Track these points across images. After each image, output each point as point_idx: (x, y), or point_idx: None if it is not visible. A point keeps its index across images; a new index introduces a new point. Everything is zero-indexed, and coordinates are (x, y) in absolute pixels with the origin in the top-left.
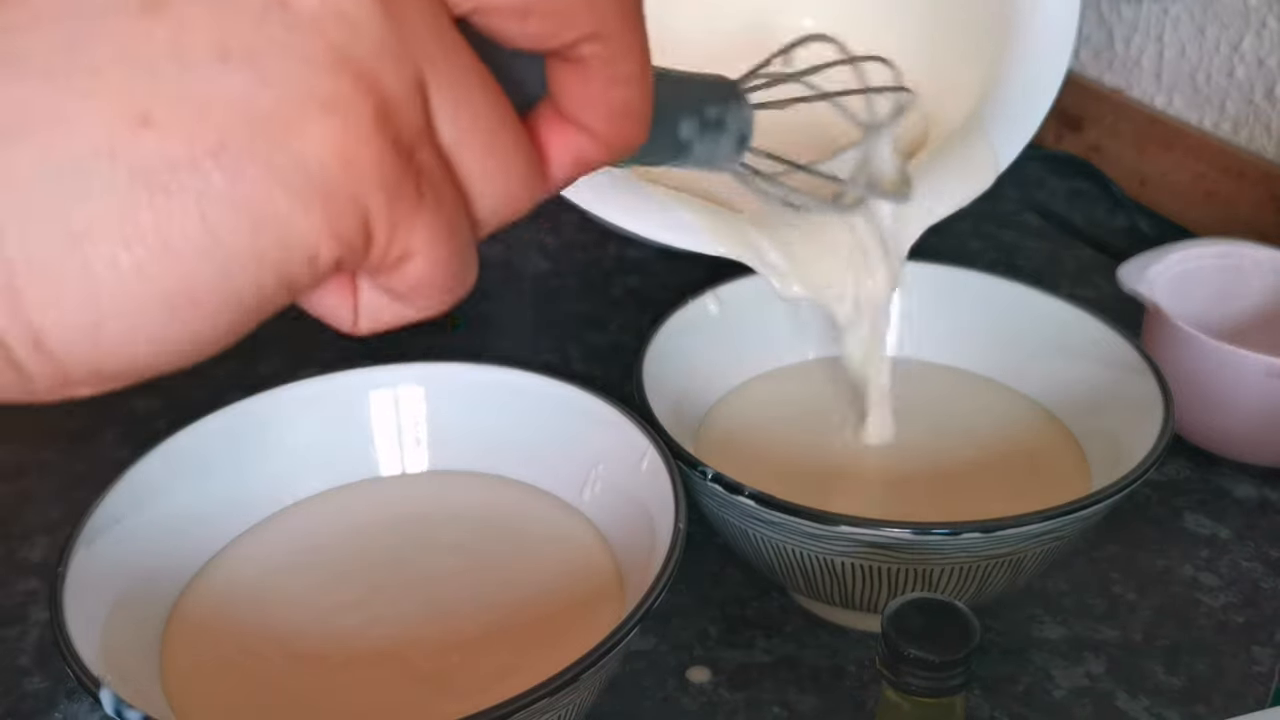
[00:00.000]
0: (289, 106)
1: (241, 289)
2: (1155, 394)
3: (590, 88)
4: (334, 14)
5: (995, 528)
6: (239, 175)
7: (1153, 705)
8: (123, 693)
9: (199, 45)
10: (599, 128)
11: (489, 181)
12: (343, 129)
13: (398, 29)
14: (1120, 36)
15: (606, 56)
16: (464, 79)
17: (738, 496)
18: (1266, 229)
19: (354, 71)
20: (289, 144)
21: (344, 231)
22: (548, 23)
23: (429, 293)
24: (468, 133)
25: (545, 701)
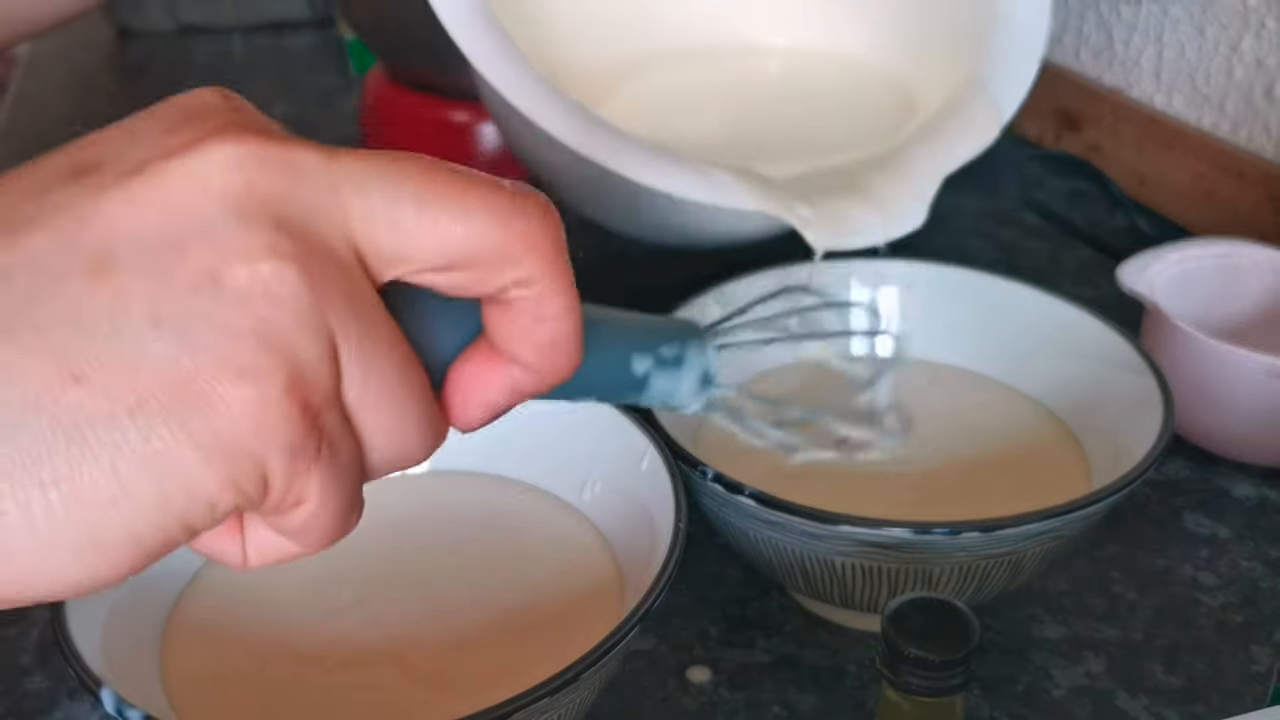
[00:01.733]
0: (208, 372)
1: (144, 534)
2: (1155, 394)
3: (518, 325)
4: (260, 291)
5: (995, 527)
6: (152, 433)
7: (1152, 704)
8: (123, 692)
9: (134, 311)
10: (530, 360)
11: (386, 437)
12: (256, 396)
13: (317, 302)
14: (1120, 37)
15: (532, 297)
16: (374, 348)
17: (738, 496)
18: (1266, 229)
19: (272, 343)
20: (203, 407)
21: (244, 485)
22: (473, 275)
23: (314, 533)
24: (372, 396)
25: (545, 701)
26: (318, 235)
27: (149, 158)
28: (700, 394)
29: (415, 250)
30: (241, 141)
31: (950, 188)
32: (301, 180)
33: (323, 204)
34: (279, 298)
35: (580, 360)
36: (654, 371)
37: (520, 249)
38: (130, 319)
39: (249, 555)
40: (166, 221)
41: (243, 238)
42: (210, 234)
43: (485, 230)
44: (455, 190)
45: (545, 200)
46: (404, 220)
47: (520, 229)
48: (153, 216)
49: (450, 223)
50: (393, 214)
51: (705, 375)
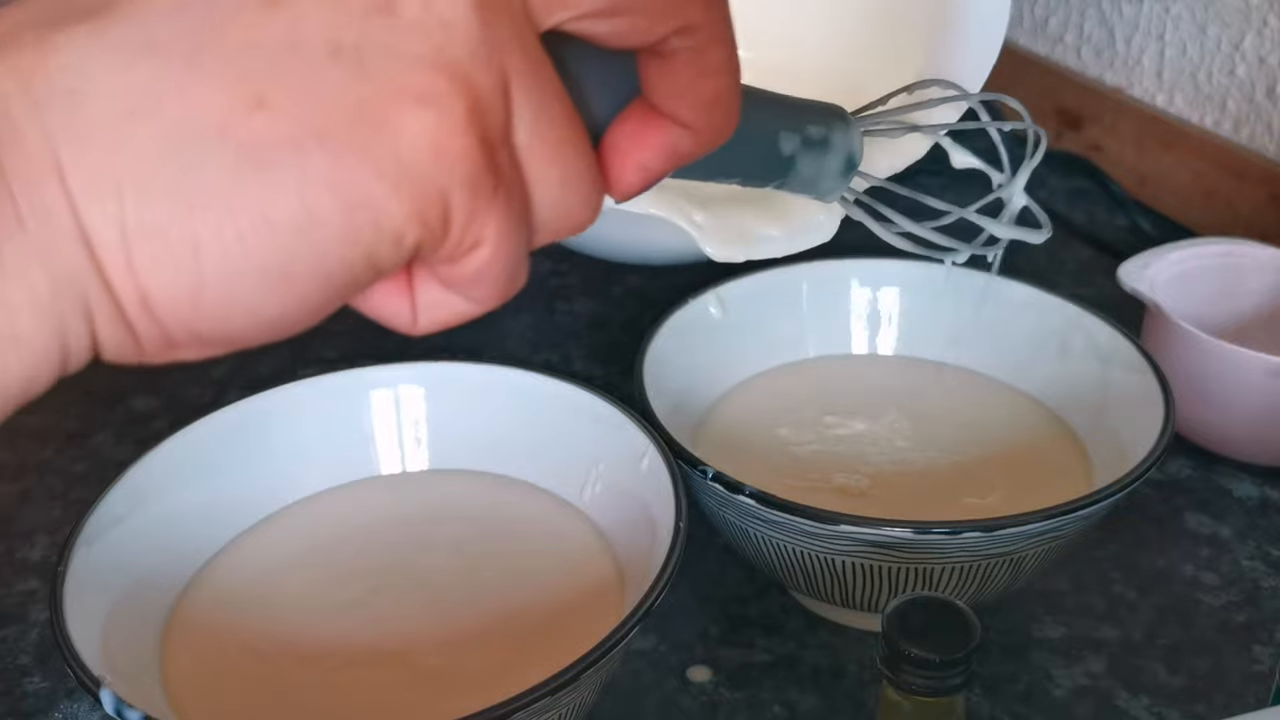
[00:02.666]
0: (389, 99)
1: (332, 266)
2: (1156, 393)
3: (680, 79)
4: (435, 18)
5: (995, 527)
6: (338, 159)
7: (1153, 704)
8: (123, 692)
9: (312, 39)
10: (689, 118)
11: (553, 190)
12: (436, 122)
13: (490, 36)
14: (1121, 35)
15: (694, 48)
16: (543, 90)
17: (738, 496)
18: (1267, 228)
19: (449, 71)
20: (386, 133)
21: (428, 217)
22: (637, 20)
23: (489, 283)
24: (541, 140)
25: (545, 701)
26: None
27: None
28: (843, 181)
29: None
30: None
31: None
32: None
33: None
34: (453, 26)
35: (738, 121)
36: (800, 152)
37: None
38: (308, 46)
39: (419, 314)
40: None
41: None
42: None
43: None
44: None
45: None
46: None
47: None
48: None
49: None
50: None
51: (850, 160)
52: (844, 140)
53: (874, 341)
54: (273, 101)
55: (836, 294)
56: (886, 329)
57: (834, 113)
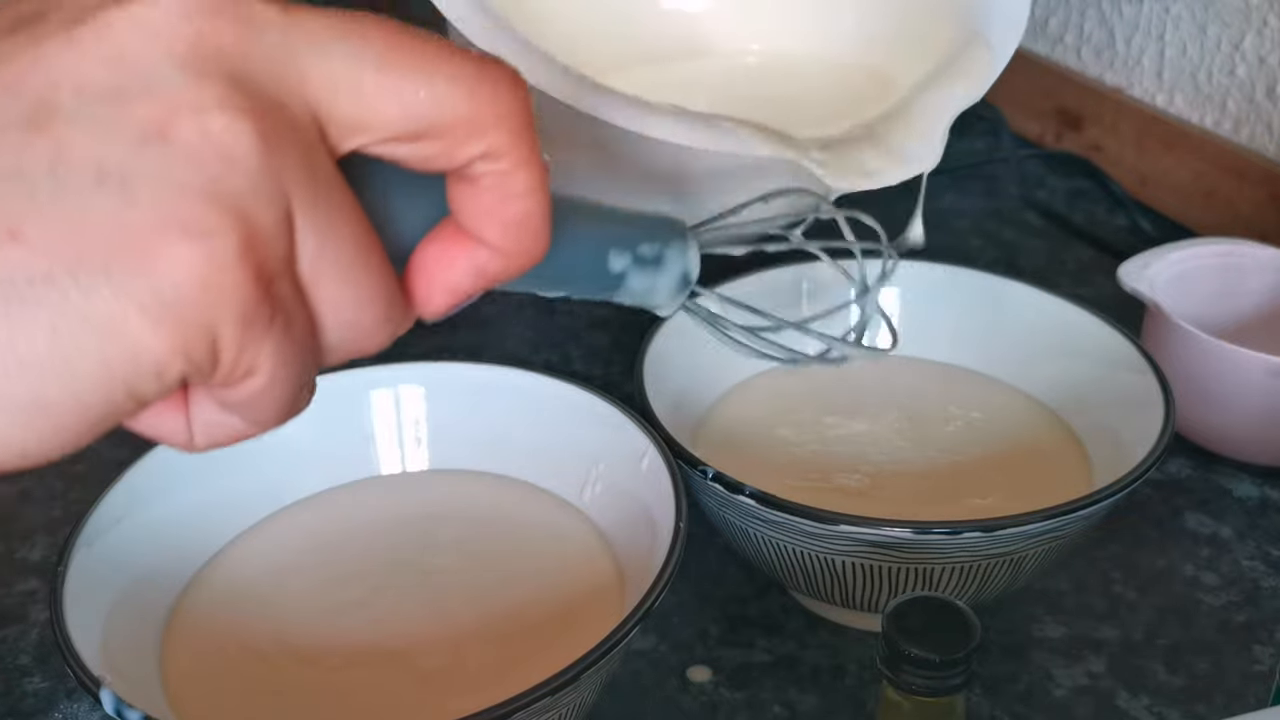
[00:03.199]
0: (154, 230)
1: (89, 400)
2: (1156, 393)
3: (484, 202)
4: (213, 148)
5: (996, 527)
6: (93, 293)
7: (1153, 704)
8: (123, 692)
9: (77, 165)
10: (496, 240)
11: (342, 314)
12: (205, 256)
13: (273, 166)
14: (1121, 35)
15: (499, 173)
16: (331, 217)
17: (738, 496)
18: (1267, 228)
19: (223, 203)
20: (149, 266)
21: (193, 351)
22: (438, 145)
23: (264, 408)
24: (328, 268)
25: (545, 701)
26: (273, 94)
27: (96, 5)
28: (678, 296)
29: (377, 117)
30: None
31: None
32: (257, 35)
33: (279, 61)
34: (231, 154)
35: (549, 242)
36: (631, 269)
37: (488, 119)
38: (72, 173)
39: (195, 434)
40: (111, 72)
41: (193, 90)
42: (158, 85)
43: (451, 97)
44: (421, 54)
45: (513, 69)
46: (366, 84)
47: (488, 97)
48: (96, 66)
49: (415, 88)
50: (354, 77)
51: (685, 276)
52: (679, 258)
53: (875, 342)
54: (27, 234)
55: (836, 294)
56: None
57: (670, 228)
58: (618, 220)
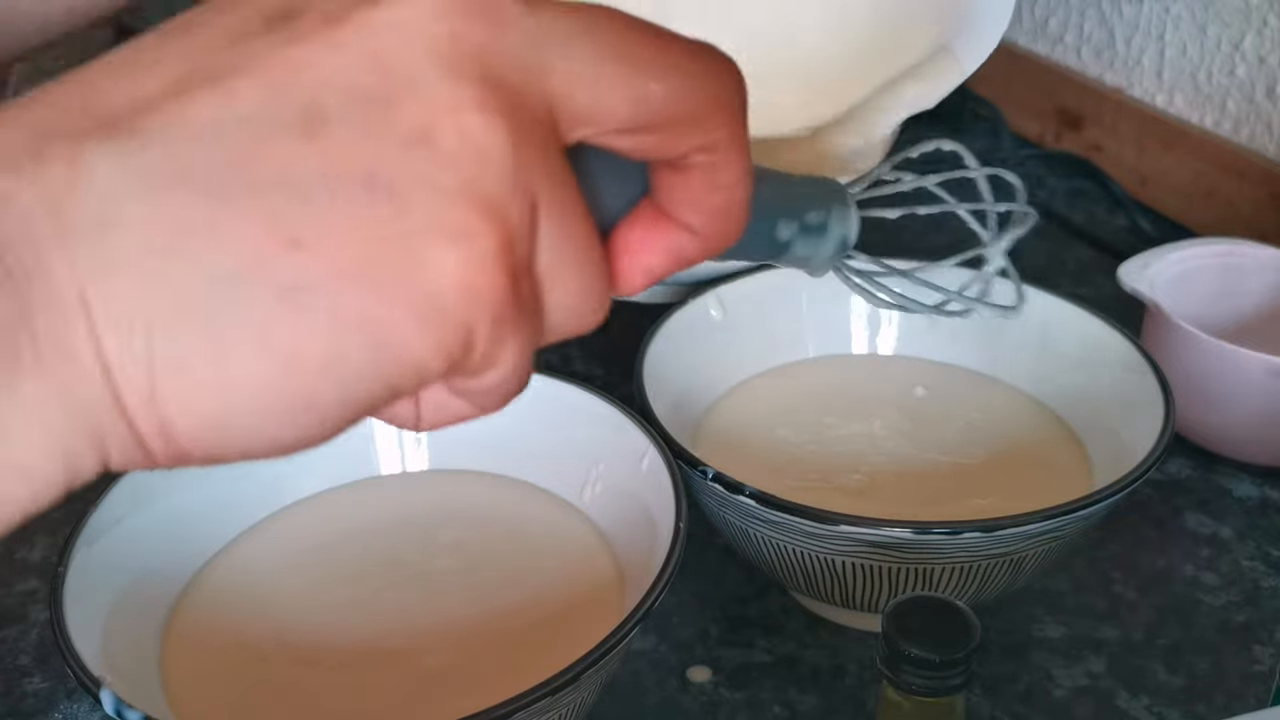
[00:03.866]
0: (423, 235)
1: (355, 396)
2: (1156, 393)
3: (692, 191)
4: (472, 149)
5: (995, 527)
6: (371, 299)
7: (1153, 704)
8: (123, 692)
9: (348, 171)
10: (698, 226)
11: (567, 302)
12: (467, 260)
13: (523, 164)
14: (1121, 35)
15: (711, 164)
16: (567, 211)
17: (738, 496)
18: (1267, 228)
19: (483, 205)
20: (418, 271)
21: (452, 349)
22: (661, 137)
23: (496, 395)
24: (563, 261)
25: (545, 701)
26: (520, 89)
27: (349, 4)
28: (837, 258)
29: (609, 112)
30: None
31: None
32: (505, 30)
33: (525, 57)
34: (488, 156)
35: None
36: (798, 237)
37: (712, 112)
38: (344, 181)
39: (423, 415)
40: (375, 75)
41: (452, 92)
42: (420, 88)
43: (682, 93)
44: (654, 47)
45: (731, 59)
46: (602, 79)
47: (714, 92)
48: (361, 70)
49: (647, 83)
50: (593, 72)
51: (845, 241)
52: (841, 224)
53: (874, 342)
54: (307, 241)
55: (836, 294)
56: (886, 329)
57: (833, 194)
58: (787, 188)
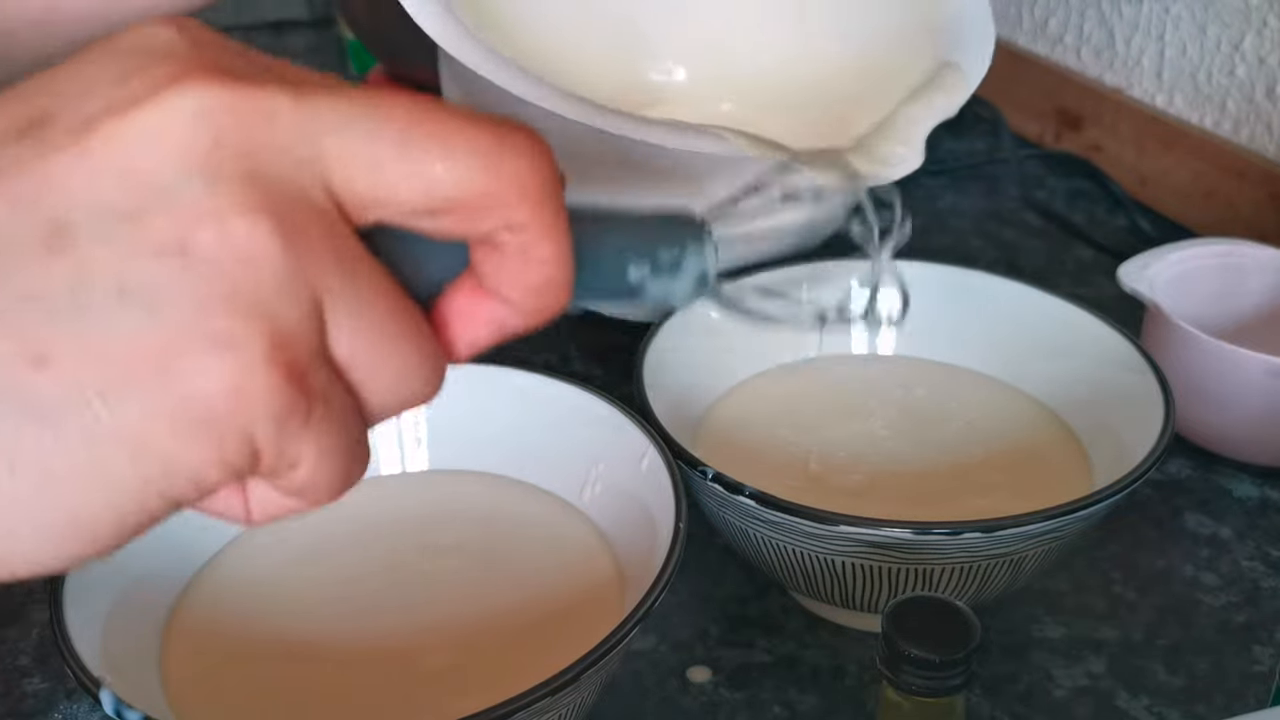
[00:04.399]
0: (180, 344)
1: (124, 511)
2: (1156, 393)
3: (507, 269)
4: (232, 256)
5: (995, 527)
6: (124, 412)
7: (1153, 704)
8: (122, 693)
9: (98, 284)
10: (518, 301)
11: (384, 383)
12: (233, 366)
13: (296, 263)
14: (1121, 36)
15: (523, 242)
16: (359, 297)
17: (738, 496)
18: (1267, 228)
19: (248, 309)
20: (177, 381)
21: (230, 458)
22: (457, 219)
23: (316, 490)
24: (364, 345)
25: (545, 701)
26: (292, 184)
27: (102, 112)
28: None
29: (396, 195)
30: (205, 88)
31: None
32: (272, 126)
33: (296, 149)
34: (252, 258)
35: (570, 299)
36: (649, 278)
37: (510, 192)
38: (93, 293)
39: (252, 512)
40: (125, 188)
41: (209, 197)
42: (174, 196)
43: (472, 173)
44: (442, 128)
45: (534, 135)
46: (384, 162)
47: (510, 171)
48: (109, 183)
49: (432, 164)
50: (371, 155)
51: (703, 277)
52: (697, 259)
53: (874, 342)
54: (54, 358)
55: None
56: (886, 329)
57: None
58: (635, 228)
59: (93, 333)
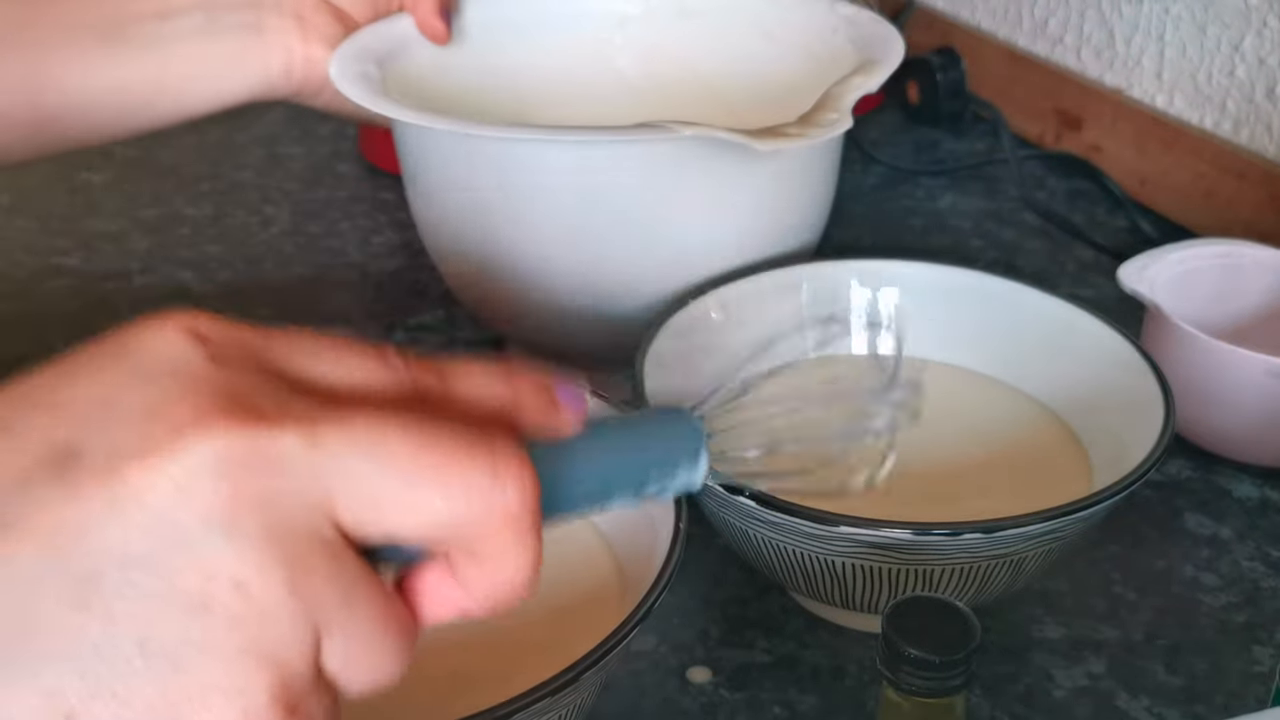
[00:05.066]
0: (197, 695)
1: None
2: (1156, 394)
3: (480, 573)
4: (250, 611)
5: (996, 528)
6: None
7: (1153, 705)
8: None
9: (122, 640)
10: (480, 599)
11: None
12: (241, 712)
13: (303, 603)
14: (1121, 36)
15: (497, 557)
16: (356, 616)
17: (738, 497)
18: (1267, 229)
19: (259, 660)
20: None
21: None
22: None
23: None
24: (354, 655)
25: (545, 702)
26: (303, 525)
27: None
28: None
29: (396, 526)
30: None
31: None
32: (285, 473)
33: (307, 494)
34: (266, 612)
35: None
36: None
37: (497, 521)
38: (119, 649)
39: None
40: (151, 539)
41: (231, 552)
42: (196, 550)
43: (468, 506)
44: (438, 463)
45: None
46: (386, 500)
47: (500, 506)
48: (137, 534)
49: (432, 501)
50: (376, 493)
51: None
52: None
53: (874, 342)
54: (80, 715)
55: (837, 295)
56: (887, 331)
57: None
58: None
59: (117, 686)
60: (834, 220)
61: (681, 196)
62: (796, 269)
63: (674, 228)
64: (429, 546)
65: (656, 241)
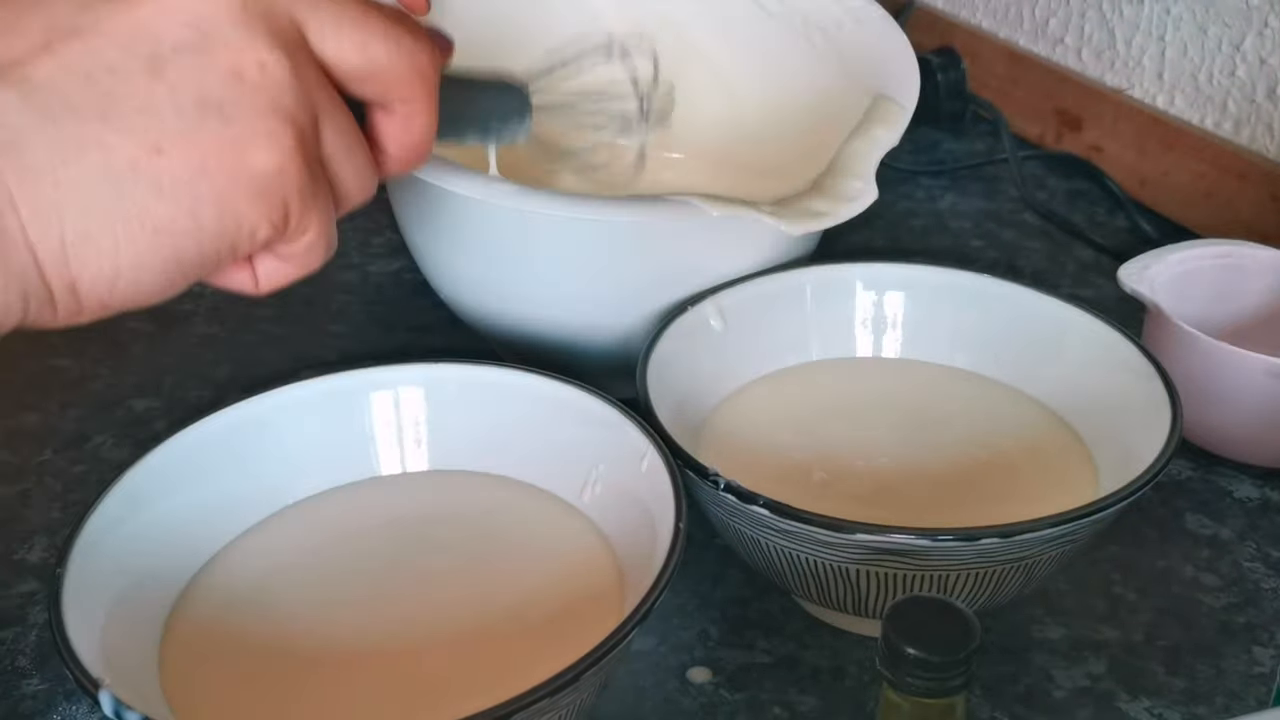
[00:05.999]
0: (245, 138)
1: (207, 256)
2: (1161, 396)
3: (392, 129)
4: (270, 79)
5: (1012, 532)
6: (215, 184)
7: (1153, 706)
8: (122, 694)
9: (188, 99)
10: (392, 153)
11: (349, 179)
12: (279, 152)
13: (304, 85)
14: (1122, 36)
15: (407, 113)
16: (336, 116)
17: (751, 506)
18: (1267, 229)
19: (281, 114)
20: (245, 163)
21: (275, 218)
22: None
23: (315, 254)
24: (341, 149)
25: (545, 702)
26: (293, 36)
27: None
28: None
29: (345, 58)
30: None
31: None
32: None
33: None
34: (281, 82)
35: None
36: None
37: (413, 73)
38: (186, 105)
39: (260, 281)
40: (194, 32)
41: (249, 41)
42: (227, 38)
43: (396, 56)
44: (381, 22)
45: (432, 33)
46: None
47: (418, 60)
48: (183, 28)
49: (374, 44)
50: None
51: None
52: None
53: (878, 345)
54: (167, 148)
55: (840, 297)
56: (891, 332)
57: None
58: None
59: (189, 130)
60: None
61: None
62: (801, 271)
63: (681, 245)
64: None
65: (662, 263)
